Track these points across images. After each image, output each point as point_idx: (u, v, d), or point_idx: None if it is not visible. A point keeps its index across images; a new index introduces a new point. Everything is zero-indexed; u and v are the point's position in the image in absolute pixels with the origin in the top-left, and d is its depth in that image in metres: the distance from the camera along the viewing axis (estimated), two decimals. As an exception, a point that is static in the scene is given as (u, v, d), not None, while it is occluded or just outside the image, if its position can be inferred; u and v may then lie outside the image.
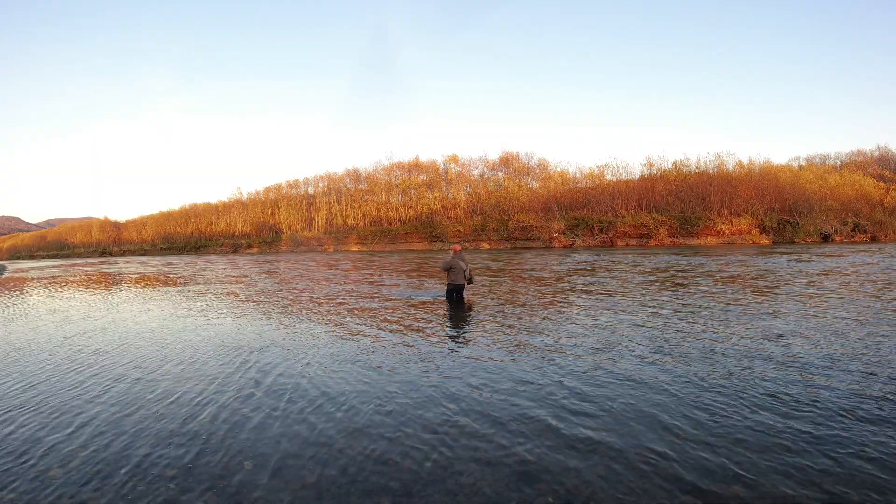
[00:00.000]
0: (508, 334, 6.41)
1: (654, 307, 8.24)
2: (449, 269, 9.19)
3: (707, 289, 10.51)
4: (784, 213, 43.96)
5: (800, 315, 7.11)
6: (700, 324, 6.71)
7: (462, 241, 53.27)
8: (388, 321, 7.75)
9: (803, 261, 17.74)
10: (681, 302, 8.71)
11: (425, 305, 9.30)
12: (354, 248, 62.27)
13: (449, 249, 10.02)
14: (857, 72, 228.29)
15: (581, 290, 11.00)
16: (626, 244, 44.50)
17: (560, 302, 9.26)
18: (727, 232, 43.42)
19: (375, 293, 11.70)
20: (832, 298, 8.60)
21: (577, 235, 47.80)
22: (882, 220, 42.46)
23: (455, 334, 6.75)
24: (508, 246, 50.65)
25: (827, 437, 3.07)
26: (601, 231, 47.51)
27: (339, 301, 10.52)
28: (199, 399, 4.20)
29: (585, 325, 6.85)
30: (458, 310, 8.68)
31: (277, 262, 32.33)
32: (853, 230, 41.56)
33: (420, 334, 6.66)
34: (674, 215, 46.04)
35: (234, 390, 4.40)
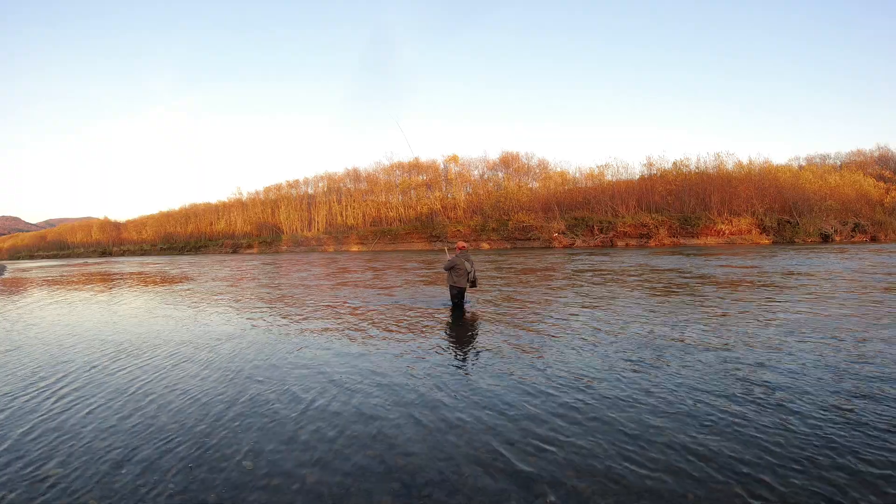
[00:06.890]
0: (507, 354, 5.24)
1: (667, 316, 7.56)
2: (451, 269, 8.00)
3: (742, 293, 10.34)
4: (784, 213, 43.95)
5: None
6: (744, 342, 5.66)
7: (462, 241, 53.21)
8: (366, 329, 7.33)
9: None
10: (703, 311, 8.01)
11: (417, 312, 8.31)
12: (354, 248, 62.24)
13: (449, 248, 9.10)
14: (857, 72, 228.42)
15: (593, 300, 10.02)
16: (627, 244, 44.49)
17: (569, 315, 7.66)
18: (727, 232, 43.41)
19: (362, 297, 11.26)
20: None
21: (577, 235, 47.78)
22: (882, 220, 42.50)
23: (441, 352, 5.54)
24: (508, 246, 50.63)
25: None
26: (601, 231, 47.50)
27: (311, 304, 10.42)
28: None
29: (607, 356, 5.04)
30: (455, 319, 7.58)
31: (273, 263, 32.30)
32: (853, 230, 41.55)
33: (386, 348, 5.71)
34: (674, 215, 46.04)
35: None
